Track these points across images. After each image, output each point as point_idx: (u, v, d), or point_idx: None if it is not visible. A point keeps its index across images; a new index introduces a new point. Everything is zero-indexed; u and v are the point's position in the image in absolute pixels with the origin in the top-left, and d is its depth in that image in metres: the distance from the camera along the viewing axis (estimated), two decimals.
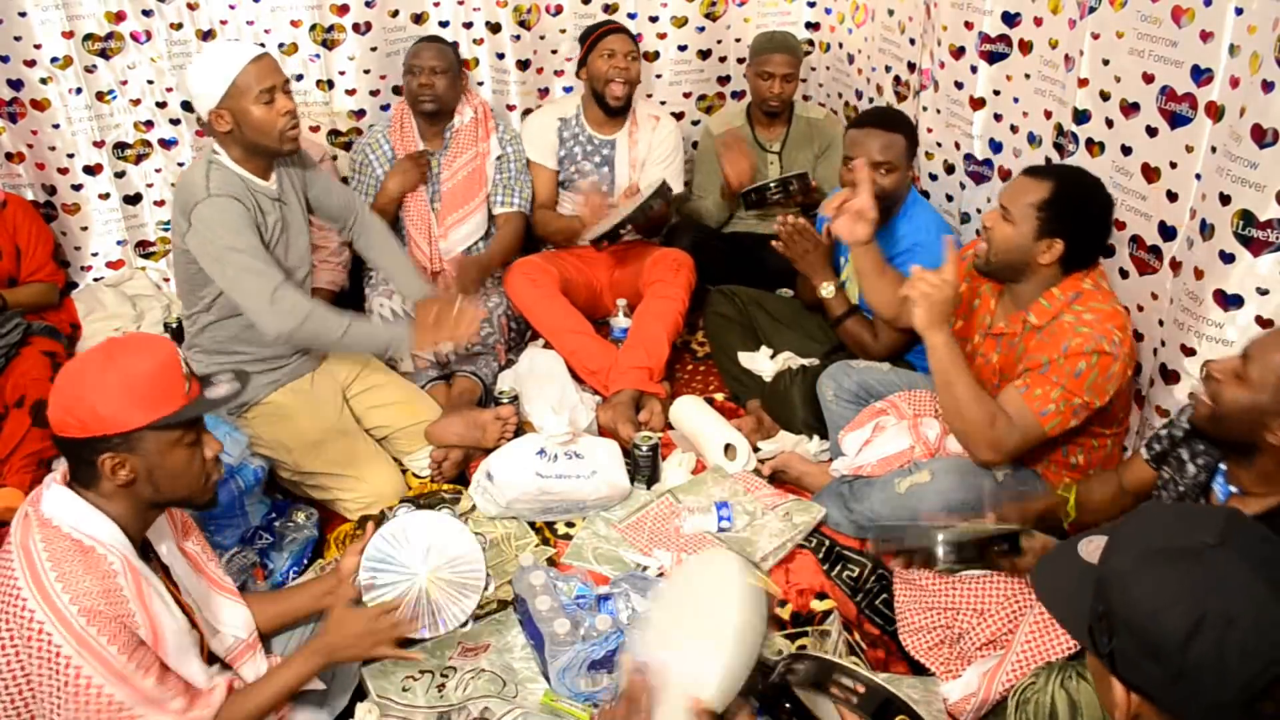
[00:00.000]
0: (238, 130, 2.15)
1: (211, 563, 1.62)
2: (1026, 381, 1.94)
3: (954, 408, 1.94)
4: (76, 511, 1.36)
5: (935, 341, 1.94)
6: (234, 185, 2.17)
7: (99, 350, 1.40)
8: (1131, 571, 0.92)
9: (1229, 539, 0.90)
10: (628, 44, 3.00)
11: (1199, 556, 0.90)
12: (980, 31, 2.63)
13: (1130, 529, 0.97)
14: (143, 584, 1.37)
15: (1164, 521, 0.97)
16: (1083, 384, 1.89)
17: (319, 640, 1.57)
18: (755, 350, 2.86)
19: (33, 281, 2.95)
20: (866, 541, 2.25)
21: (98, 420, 1.33)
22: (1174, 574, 0.89)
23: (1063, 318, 1.95)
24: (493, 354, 2.88)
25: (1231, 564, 0.89)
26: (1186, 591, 0.88)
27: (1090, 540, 1.05)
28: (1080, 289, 1.98)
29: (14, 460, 2.37)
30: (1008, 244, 1.98)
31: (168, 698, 1.37)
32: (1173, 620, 0.87)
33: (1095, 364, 1.88)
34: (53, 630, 1.29)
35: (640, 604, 1.92)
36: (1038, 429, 1.91)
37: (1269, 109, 1.70)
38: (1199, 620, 0.86)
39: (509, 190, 3.09)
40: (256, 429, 2.35)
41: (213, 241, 2.12)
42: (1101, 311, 1.93)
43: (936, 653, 1.82)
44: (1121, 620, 0.91)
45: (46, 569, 1.31)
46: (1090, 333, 1.89)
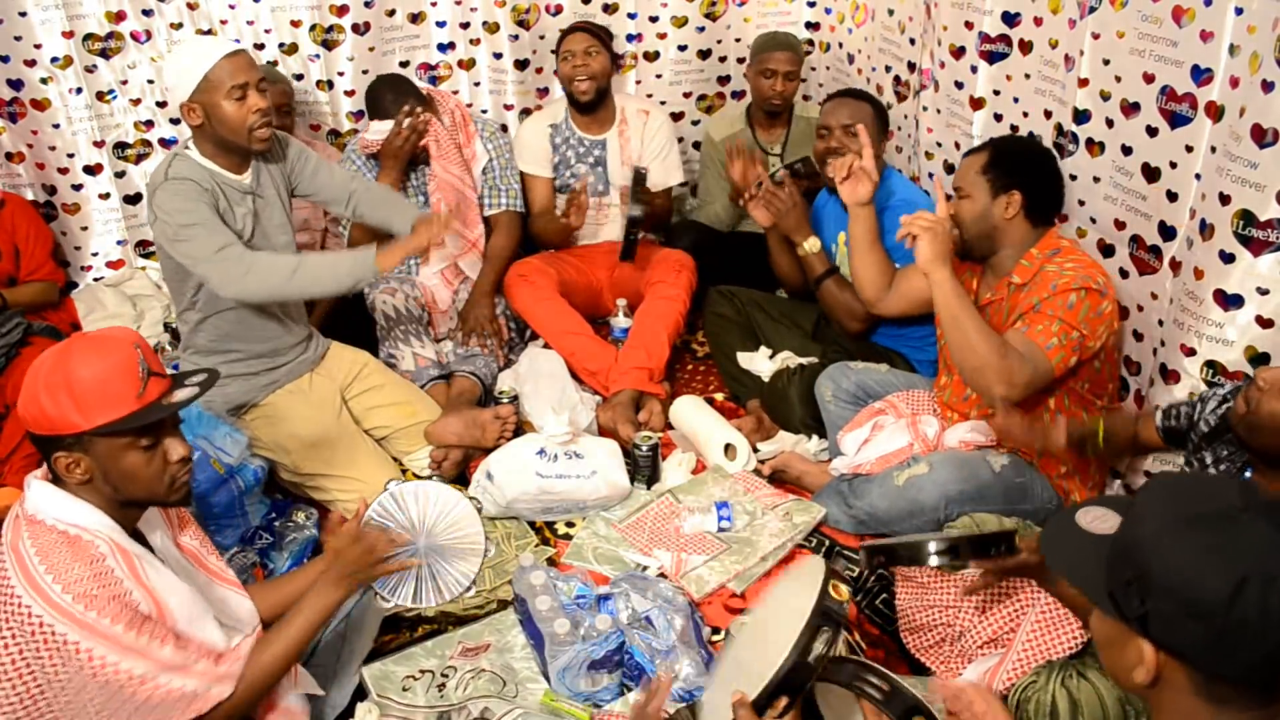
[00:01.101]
0: (208, 124, 2.14)
1: (211, 555, 1.62)
2: (1025, 321, 1.98)
3: (964, 342, 1.94)
4: (58, 503, 1.36)
5: (940, 277, 1.96)
6: (196, 172, 2.15)
7: (60, 347, 1.39)
8: (1167, 537, 0.93)
9: (1252, 505, 0.93)
10: (585, 40, 2.98)
11: (1232, 520, 0.92)
12: (980, 31, 2.63)
13: (1152, 499, 0.99)
14: (135, 562, 1.37)
15: (1185, 490, 0.99)
16: (1077, 315, 1.93)
17: (328, 572, 1.57)
18: (754, 350, 2.86)
19: (32, 281, 2.95)
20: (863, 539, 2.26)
21: (47, 420, 1.34)
22: (1211, 538, 0.91)
23: (1045, 269, 2.02)
24: (492, 353, 2.88)
25: (1261, 527, 0.91)
26: (1226, 554, 0.90)
27: (1087, 511, 1.06)
28: (1058, 246, 2.07)
29: (14, 460, 2.38)
30: (971, 216, 2.10)
31: (191, 660, 1.37)
32: (1216, 581, 0.89)
33: (1084, 298, 1.94)
34: (54, 621, 1.29)
35: (640, 604, 1.92)
36: (1046, 362, 1.94)
37: (1269, 109, 1.71)
38: (1242, 580, 0.88)
39: (495, 190, 3.08)
40: (255, 431, 2.35)
41: (169, 223, 2.11)
42: (1082, 261, 2.02)
43: (937, 651, 1.82)
44: (1160, 585, 0.92)
45: (35, 564, 1.31)
46: (1075, 272, 1.97)
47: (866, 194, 2.34)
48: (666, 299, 2.90)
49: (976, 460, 2.10)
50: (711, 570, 2.13)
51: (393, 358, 2.81)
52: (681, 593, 2.02)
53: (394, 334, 2.85)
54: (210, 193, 2.16)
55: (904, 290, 2.39)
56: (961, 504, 2.02)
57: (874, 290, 2.42)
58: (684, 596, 2.01)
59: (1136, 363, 2.22)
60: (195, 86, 2.09)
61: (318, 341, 2.55)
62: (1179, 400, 1.86)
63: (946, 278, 1.97)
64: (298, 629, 1.51)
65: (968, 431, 2.17)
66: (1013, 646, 1.68)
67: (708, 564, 2.15)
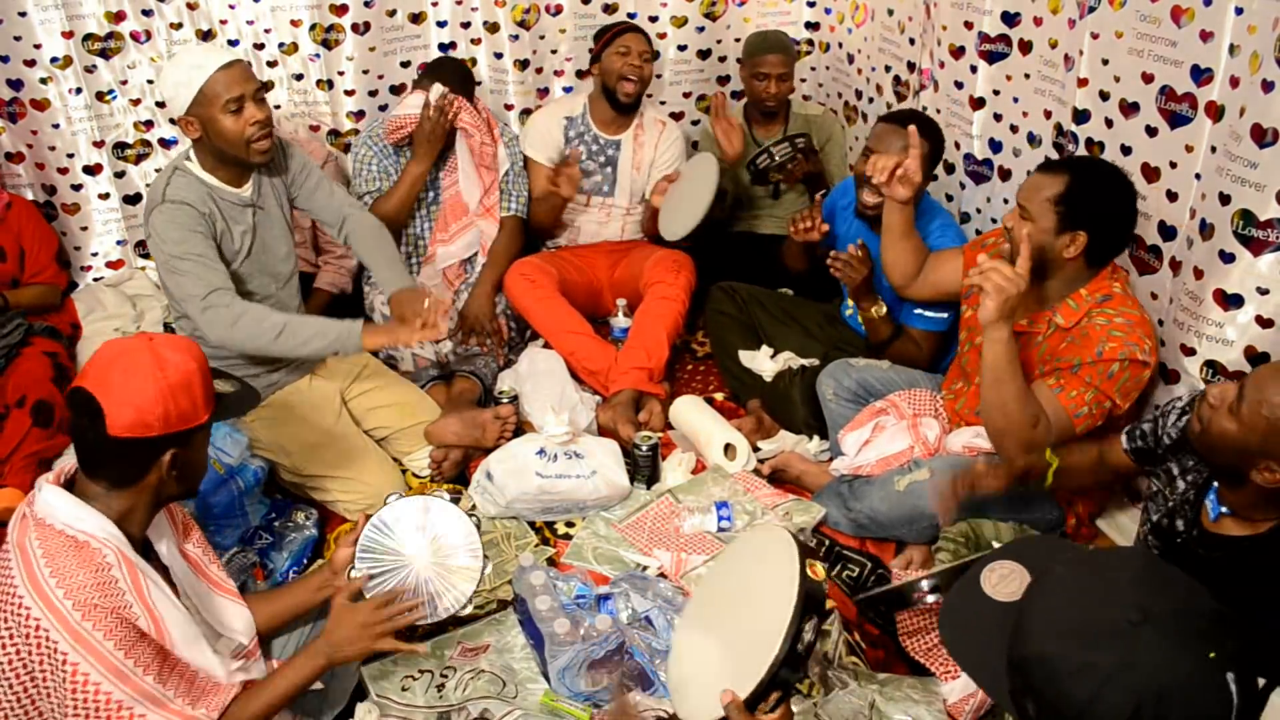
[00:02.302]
0: (206, 138, 2.13)
1: (213, 565, 1.62)
2: (1060, 382, 1.92)
3: (1000, 405, 1.89)
4: (69, 509, 1.36)
5: (998, 336, 1.86)
6: (194, 192, 2.14)
7: (144, 351, 1.39)
8: (1057, 657, 0.90)
9: (1150, 611, 0.89)
10: (644, 44, 3.00)
11: (1123, 637, 0.89)
12: (980, 31, 2.63)
13: (1047, 602, 0.96)
14: (139, 577, 1.37)
15: (1078, 593, 0.95)
16: (1114, 385, 1.88)
17: (320, 640, 1.57)
18: (755, 349, 2.86)
19: (35, 283, 2.95)
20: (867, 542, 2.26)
21: (180, 416, 1.38)
22: (1103, 658, 0.88)
23: (1093, 319, 1.92)
24: (492, 354, 2.88)
25: (1157, 642, 0.88)
26: (1119, 679, 0.87)
27: (994, 569, 1.03)
28: (1110, 291, 1.95)
29: (14, 460, 2.38)
30: (1031, 242, 1.91)
31: (169, 696, 1.37)
32: (1109, 711, 0.87)
33: (1128, 369, 1.87)
34: (49, 627, 1.29)
35: (640, 604, 1.92)
36: (1070, 429, 1.91)
37: (1269, 109, 1.71)
38: (1137, 708, 0.86)
39: (506, 195, 3.08)
40: (255, 432, 2.34)
41: (160, 249, 2.12)
42: (1133, 318, 1.91)
43: (936, 654, 1.82)
44: (1052, 708, 0.90)
45: (41, 565, 1.31)
46: (1124, 339, 1.87)
47: (906, 195, 2.24)
48: (665, 299, 2.90)
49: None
50: (711, 570, 2.13)
51: (392, 358, 2.81)
52: (681, 593, 2.02)
53: None
54: (208, 216, 2.15)
55: (933, 280, 2.33)
56: (961, 509, 2.01)
57: (903, 278, 2.35)
58: (684, 596, 2.01)
59: None
60: (191, 100, 2.07)
61: None
62: (1142, 420, 1.84)
63: (1004, 338, 1.86)
64: (280, 691, 1.50)
65: (972, 437, 2.16)
66: None
67: (708, 564, 2.15)
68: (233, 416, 1.54)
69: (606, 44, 3.01)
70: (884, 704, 1.74)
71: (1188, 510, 1.65)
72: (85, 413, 1.35)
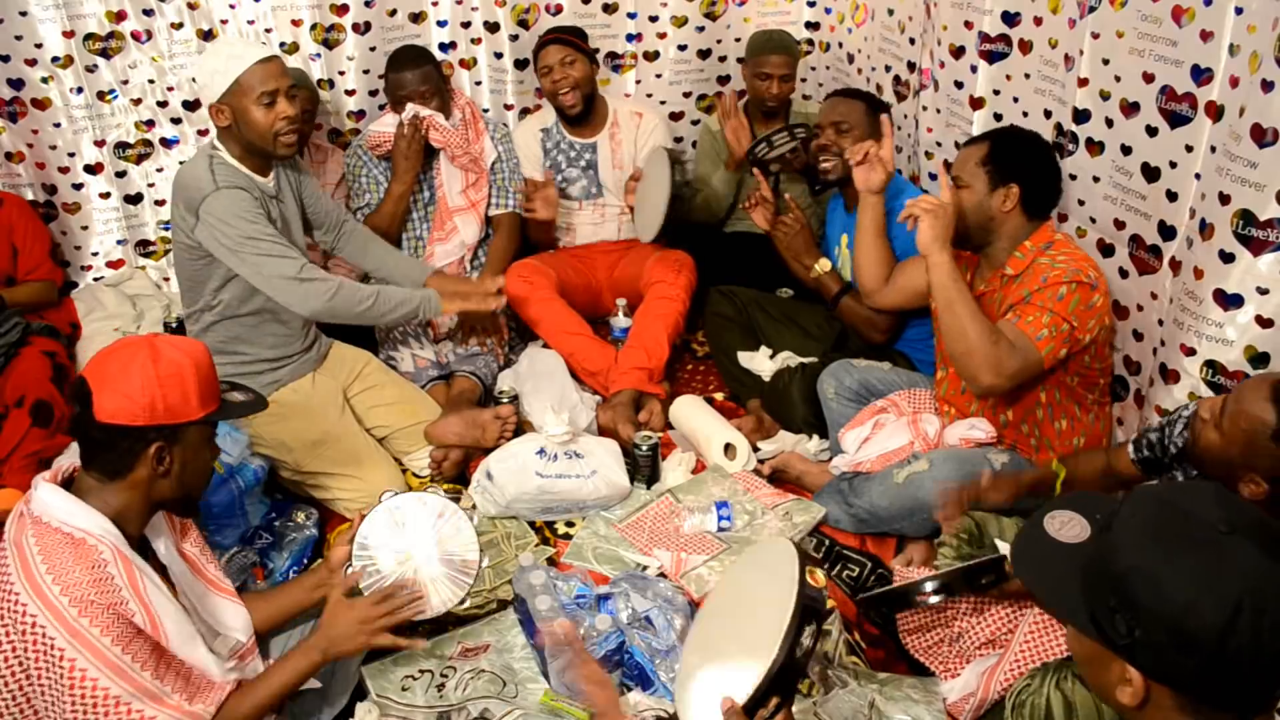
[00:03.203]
0: (235, 127, 2.17)
1: (210, 565, 1.62)
2: (1017, 312, 2.00)
3: (957, 327, 1.98)
4: (65, 506, 1.37)
5: (939, 260, 2.00)
6: (239, 178, 2.19)
7: (143, 345, 1.42)
8: (1154, 566, 0.91)
9: (1236, 524, 0.91)
10: (560, 51, 2.95)
11: (1217, 546, 0.90)
12: (980, 31, 2.63)
13: (1134, 520, 0.97)
14: (136, 574, 1.37)
15: (1167, 511, 0.96)
16: (1067, 307, 1.94)
17: (316, 635, 1.57)
18: (755, 350, 2.86)
19: (30, 280, 2.95)
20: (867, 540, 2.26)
21: (165, 408, 1.39)
22: (1199, 565, 0.90)
23: (1037, 262, 2.04)
24: (492, 353, 2.88)
25: (1247, 550, 0.89)
26: (1215, 583, 0.88)
27: (1054, 516, 1.05)
28: (1051, 239, 2.07)
29: (14, 460, 2.38)
30: (969, 205, 2.09)
31: (166, 691, 1.37)
32: (1209, 613, 0.87)
33: (1075, 290, 1.95)
34: (46, 624, 1.29)
35: (640, 604, 1.92)
36: (1035, 353, 1.95)
37: (1269, 108, 1.70)
38: (1235, 611, 0.86)
39: (503, 192, 3.09)
40: (257, 428, 2.35)
41: (227, 233, 2.13)
42: (1074, 255, 2.03)
43: (936, 652, 1.82)
44: (1149, 616, 0.91)
45: (37, 562, 1.31)
46: (1066, 265, 1.99)
47: (879, 182, 2.36)
48: (666, 299, 2.90)
49: (977, 458, 2.10)
50: (711, 570, 2.13)
51: (392, 359, 2.81)
52: (681, 593, 2.02)
53: (393, 335, 2.86)
54: (260, 200, 2.19)
55: (901, 283, 2.40)
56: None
57: (873, 280, 2.44)
58: (684, 596, 2.01)
59: (1136, 362, 2.22)
60: (226, 89, 2.11)
61: (320, 341, 2.56)
62: (1149, 427, 1.86)
63: (945, 261, 2.00)
64: (276, 687, 1.50)
65: (968, 429, 2.17)
66: (1010, 647, 1.69)
67: (708, 564, 2.15)
68: (233, 418, 1.53)
69: (535, 60, 3.01)
70: (884, 703, 1.74)
71: None
72: (78, 398, 1.39)
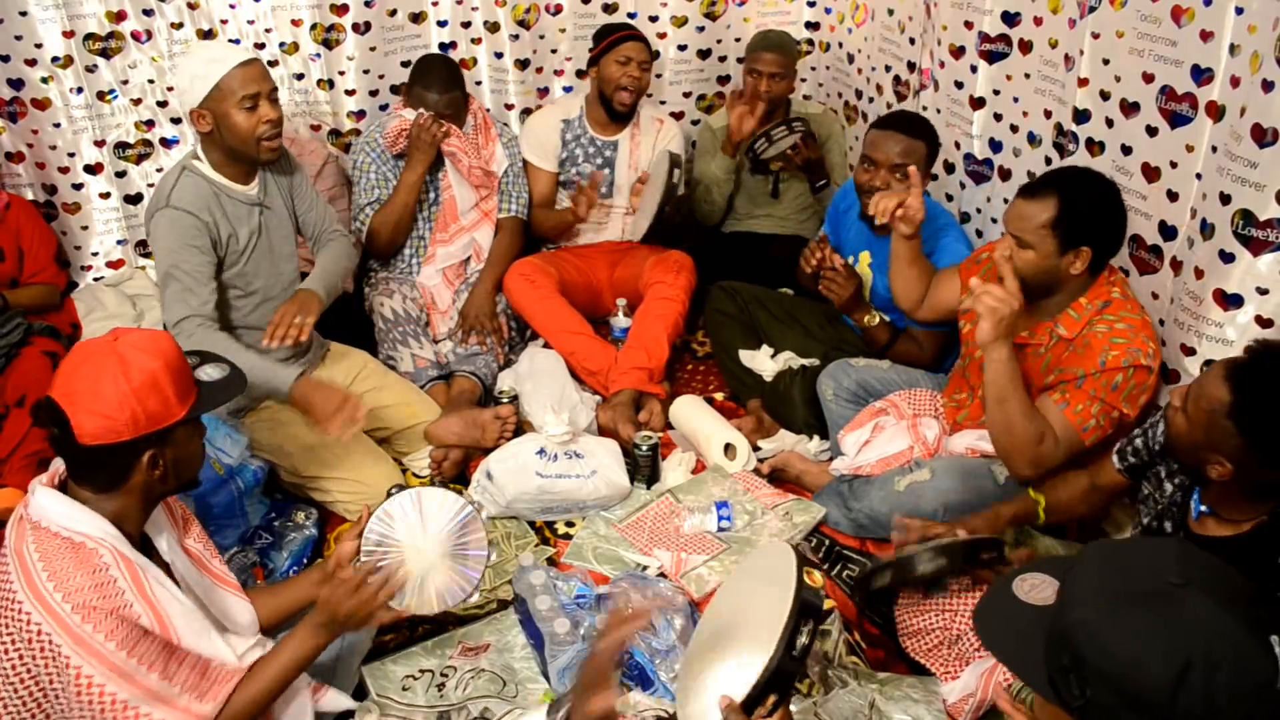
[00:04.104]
0: (217, 132, 2.15)
1: (215, 559, 1.62)
2: (1066, 397, 1.91)
3: (1005, 424, 1.89)
4: (63, 511, 1.36)
5: (997, 356, 1.86)
6: (200, 195, 2.15)
7: (108, 354, 1.36)
8: (1102, 621, 0.89)
9: (1191, 576, 0.88)
10: (644, 52, 2.98)
11: (1169, 599, 0.87)
12: (980, 31, 2.63)
13: (1087, 574, 0.95)
14: (139, 573, 1.37)
15: (1119, 562, 0.94)
16: (1119, 396, 1.88)
17: (317, 613, 1.56)
18: (756, 348, 2.86)
19: (34, 283, 2.95)
20: (867, 542, 2.26)
21: (148, 418, 1.36)
22: (1149, 620, 0.87)
23: (1094, 328, 1.92)
24: (491, 353, 2.88)
25: (1201, 603, 0.86)
26: (1165, 637, 0.85)
27: (1024, 579, 1.03)
28: (1109, 297, 1.95)
29: (14, 460, 2.38)
30: (1035, 269, 1.92)
31: (175, 693, 1.36)
32: (1157, 670, 0.85)
33: (1132, 377, 1.87)
34: (50, 631, 1.29)
35: (640, 604, 1.92)
36: (1079, 444, 1.91)
37: (1269, 108, 1.70)
38: (1185, 667, 0.84)
39: (506, 196, 3.09)
40: (255, 433, 2.34)
41: (156, 253, 2.15)
42: (1133, 322, 1.91)
43: (936, 654, 1.82)
44: (1097, 673, 0.88)
45: (39, 569, 1.31)
46: (1126, 345, 1.87)
47: (909, 232, 2.25)
48: (666, 299, 2.91)
49: (980, 469, 2.09)
50: (711, 570, 2.13)
51: (391, 360, 2.81)
52: (681, 592, 2.02)
53: (392, 336, 2.85)
54: (210, 224, 2.16)
55: (934, 302, 2.34)
56: (960, 512, 2.01)
57: (911, 303, 2.36)
58: (684, 596, 2.01)
59: None
60: (206, 94, 2.10)
61: (317, 343, 2.56)
62: (1129, 436, 1.85)
63: (1004, 357, 1.86)
64: (278, 671, 1.50)
65: (975, 439, 2.16)
66: None
67: (708, 564, 2.15)
68: (215, 407, 1.50)
69: (605, 49, 3.00)
70: (884, 703, 1.74)
71: (1175, 512, 1.67)
72: (54, 422, 1.34)
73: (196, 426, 1.49)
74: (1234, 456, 1.45)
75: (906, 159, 2.35)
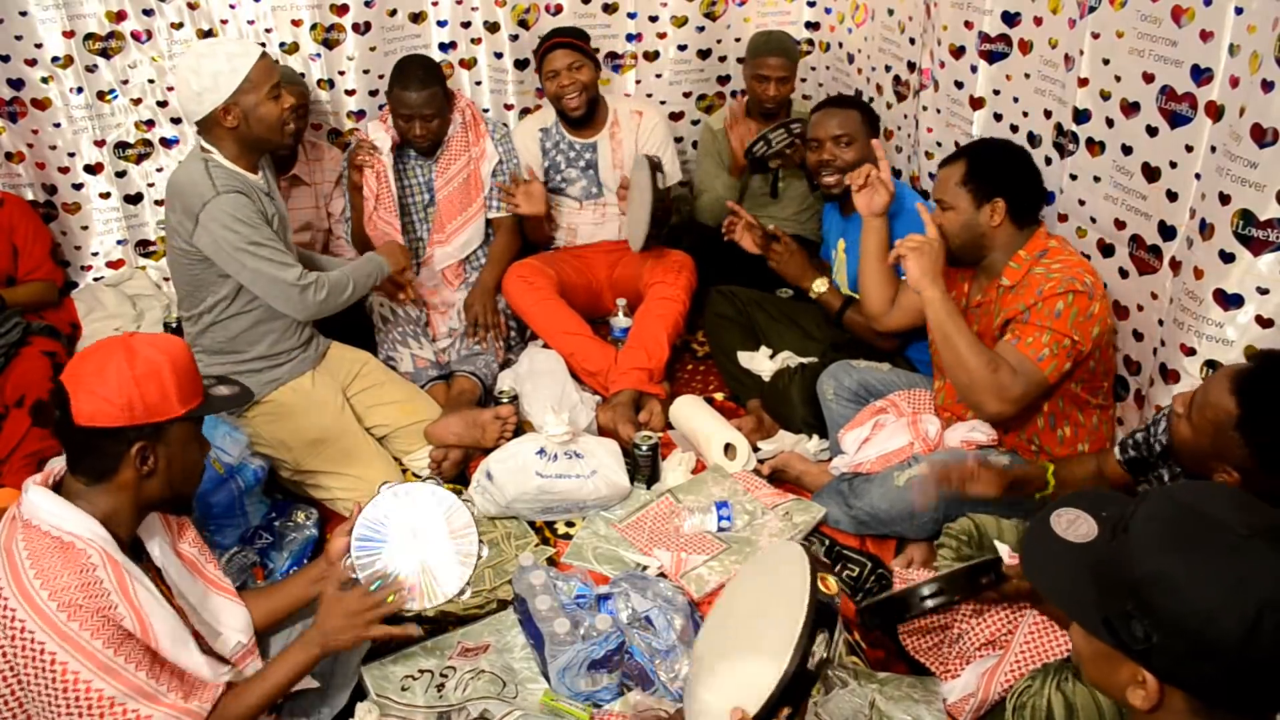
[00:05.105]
0: (244, 125, 2.17)
1: (210, 564, 1.62)
2: (1015, 333, 2.00)
3: (956, 359, 1.99)
4: (54, 510, 1.36)
5: (931, 295, 2.02)
6: (237, 181, 2.20)
7: (119, 345, 1.41)
8: (1173, 572, 0.90)
9: (1255, 527, 0.90)
10: (569, 56, 2.92)
11: (1237, 551, 0.89)
12: (980, 31, 2.63)
13: (1149, 523, 0.95)
14: (125, 577, 1.37)
15: (1181, 512, 0.95)
16: (1066, 322, 1.94)
17: (312, 630, 1.57)
18: (755, 350, 2.86)
19: (31, 280, 2.95)
20: (868, 540, 2.26)
21: (144, 407, 1.37)
22: (1219, 572, 0.89)
23: (1033, 272, 2.03)
24: (491, 353, 2.88)
25: (1266, 554, 0.88)
26: (1236, 589, 0.87)
27: (1060, 514, 1.03)
28: (1045, 246, 2.07)
29: (14, 460, 2.38)
30: (956, 227, 2.10)
31: (161, 690, 1.36)
32: (1230, 620, 0.86)
33: (1072, 302, 1.94)
34: (35, 628, 1.29)
35: (640, 604, 1.92)
36: (1039, 374, 1.96)
37: (1269, 108, 1.70)
38: (1256, 618, 0.86)
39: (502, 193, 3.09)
40: (257, 427, 2.35)
41: (229, 238, 2.15)
42: (1069, 261, 2.02)
43: (936, 653, 1.82)
44: (1170, 622, 0.89)
45: (26, 566, 1.31)
46: (1061, 275, 1.97)
47: (882, 205, 2.35)
48: (666, 299, 2.91)
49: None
50: (711, 570, 2.13)
51: (392, 359, 2.81)
52: (681, 592, 2.02)
53: (392, 335, 2.86)
54: (258, 201, 2.22)
55: (904, 304, 2.38)
56: (960, 505, 2.02)
57: (879, 304, 2.42)
58: (684, 596, 2.01)
59: (1136, 362, 2.22)
60: (235, 88, 2.12)
61: (318, 340, 2.56)
62: (1134, 429, 1.85)
63: (937, 296, 2.02)
64: (273, 684, 1.50)
65: (969, 431, 2.17)
66: (1010, 648, 1.68)
67: (708, 564, 2.15)
68: (216, 412, 1.51)
69: (538, 65, 2.99)
70: (884, 703, 1.74)
71: None
72: (58, 403, 1.38)
73: (196, 437, 1.49)
74: (1241, 466, 1.45)
75: (844, 127, 2.53)
